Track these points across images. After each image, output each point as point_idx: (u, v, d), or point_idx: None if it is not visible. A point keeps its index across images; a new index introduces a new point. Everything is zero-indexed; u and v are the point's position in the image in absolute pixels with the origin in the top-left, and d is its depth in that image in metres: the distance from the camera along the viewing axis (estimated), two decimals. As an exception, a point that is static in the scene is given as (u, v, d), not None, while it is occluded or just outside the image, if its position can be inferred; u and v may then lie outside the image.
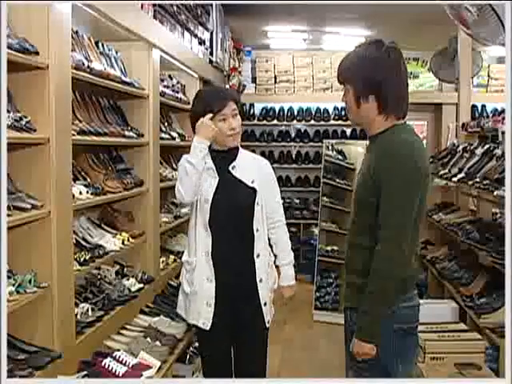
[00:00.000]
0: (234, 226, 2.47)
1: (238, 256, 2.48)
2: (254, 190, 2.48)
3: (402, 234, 1.87)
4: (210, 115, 2.41)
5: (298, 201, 7.48)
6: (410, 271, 1.98)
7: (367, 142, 2.12)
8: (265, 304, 2.51)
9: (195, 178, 2.39)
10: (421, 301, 2.06)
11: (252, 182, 2.48)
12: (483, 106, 7.36)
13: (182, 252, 2.74)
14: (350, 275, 2.07)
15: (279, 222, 2.61)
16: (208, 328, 2.48)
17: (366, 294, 1.91)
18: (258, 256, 2.48)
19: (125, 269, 3.42)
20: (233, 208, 2.46)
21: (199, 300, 2.49)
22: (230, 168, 2.49)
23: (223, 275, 2.46)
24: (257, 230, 2.48)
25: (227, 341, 2.55)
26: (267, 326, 2.54)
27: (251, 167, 2.53)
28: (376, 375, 1.95)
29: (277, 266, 2.66)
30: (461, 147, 4.64)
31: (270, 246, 2.63)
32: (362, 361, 1.94)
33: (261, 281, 2.49)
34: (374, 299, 1.90)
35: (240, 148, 2.57)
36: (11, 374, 2.00)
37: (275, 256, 2.64)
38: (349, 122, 6.60)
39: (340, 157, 5.85)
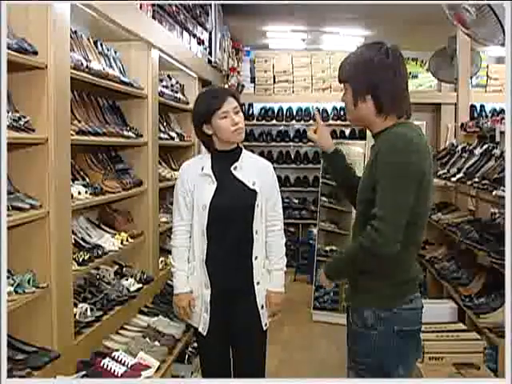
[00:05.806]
0: (233, 228, 2.44)
1: (236, 259, 2.46)
2: (254, 192, 2.44)
3: (396, 214, 1.82)
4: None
5: (296, 201, 7.48)
6: (411, 273, 1.97)
7: (367, 142, 2.12)
8: (262, 307, 2.50)
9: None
10: (420, 301, 2.06)
11: (253, 184, 2.45)
12: (482, 106, 7.37)
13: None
14: (354, 275, 2.03)
15: (277, 226, 2.55)
16: (205, 333, 2.49)
17: (355, 244, 1.94)
18: (255, 258, 2.47)
19: (124, 269, 3.42)
20: (232, 210, 2.43)
21: (198, 306, 2.50)
22: (232, 168, 2.46)
23: (219, 281, 2.45)
24: (256, 233, 2.46)
25: (225, 343, 2.55)
26: (265, 328, 2.53)
27: (253, 169, 2.49)
28: (376, 376, 1.94)
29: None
30: (460, 147, 4.65)
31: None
32: (362, 362, 1.95)
33: (258, 283, 2.48)
34: (354, 253, 1.94)
35: (243, 149, 2.55)
36: (10, 374, 2.00)
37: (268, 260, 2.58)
38: (348, 122, 6.58)
39: (339, 157, 5.84)
